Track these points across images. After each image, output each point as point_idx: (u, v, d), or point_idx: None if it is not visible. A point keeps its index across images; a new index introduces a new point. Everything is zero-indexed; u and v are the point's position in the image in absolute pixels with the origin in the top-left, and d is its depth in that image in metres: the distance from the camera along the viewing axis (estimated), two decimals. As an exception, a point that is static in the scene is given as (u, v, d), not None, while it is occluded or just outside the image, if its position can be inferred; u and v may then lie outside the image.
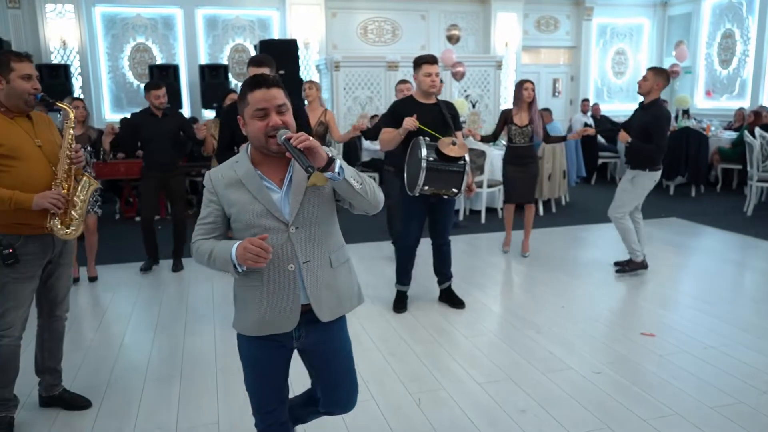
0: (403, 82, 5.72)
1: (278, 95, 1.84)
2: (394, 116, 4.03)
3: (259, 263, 1.74)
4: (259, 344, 1.96)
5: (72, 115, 2.76)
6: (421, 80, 4.02)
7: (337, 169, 1.82)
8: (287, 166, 1.91)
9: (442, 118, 4.00)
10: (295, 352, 2.07)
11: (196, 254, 1.93)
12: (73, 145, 2.70)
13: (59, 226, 2.65)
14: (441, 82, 4.35)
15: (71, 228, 2.71)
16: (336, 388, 2.09)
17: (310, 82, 5.85)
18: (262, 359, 1.98)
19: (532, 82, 5.36)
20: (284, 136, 1.79)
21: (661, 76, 4.63)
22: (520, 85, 5.35)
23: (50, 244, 2.70)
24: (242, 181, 1.87)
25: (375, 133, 4.66)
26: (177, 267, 5.37)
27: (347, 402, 2.13)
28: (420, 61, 4.01)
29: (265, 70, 3.45)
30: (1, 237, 2.58)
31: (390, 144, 4.03)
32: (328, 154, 1.81)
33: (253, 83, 1.84)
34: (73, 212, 2.71)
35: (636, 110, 4.85)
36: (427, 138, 3.80)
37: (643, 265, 4.98)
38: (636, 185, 4.81)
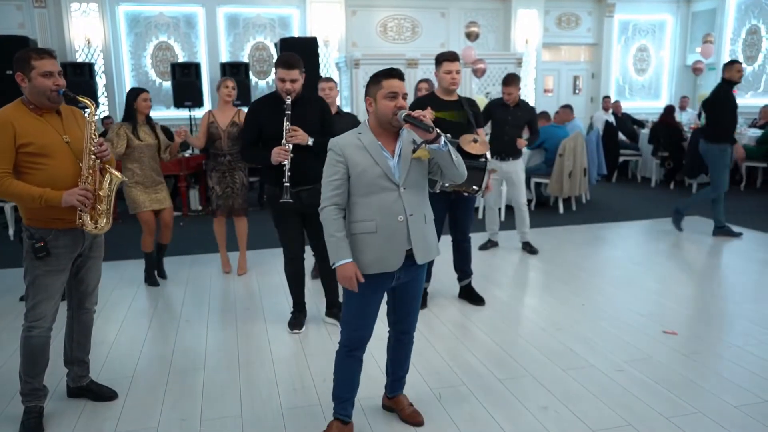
0: (327, 80, 4.88)
1: (404, 86, 2.40)
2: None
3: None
4: (367, 282, 2.40)
5: (93, 109, 2.74)
6: (441, 77, 4.02)
7: (442, 142, 2.35)
8: (397, 140, 2.46)
9: (463, 115, 4.00)
10: None
11: (325, 221, 2.39)
12: (95, 140, 2.70)
13: (89, 222, 2.68)
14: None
15: (99, 223, 2.73)
16: (409, 311, 2.65)
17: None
18: (365, 294, 2.44)
19: (425, 82, 5.72)
20: (405, 113, 2.33)
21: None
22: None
23: (81, 238, 2.75)
24: (366, 148, 2.39)
25: None
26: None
27: (413, 321, 2.69)
28: (441, 59, 4.03)
29: (295, 72, 3.49)
30: (33, 231, 2.64)
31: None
32: (437, 131, 2.31)
33: (389, 74, 2.39)
34: (99, 207, 2.71)
35: (501, 109, 5.66)
36: (448, 135, 3.78)
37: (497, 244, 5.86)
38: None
